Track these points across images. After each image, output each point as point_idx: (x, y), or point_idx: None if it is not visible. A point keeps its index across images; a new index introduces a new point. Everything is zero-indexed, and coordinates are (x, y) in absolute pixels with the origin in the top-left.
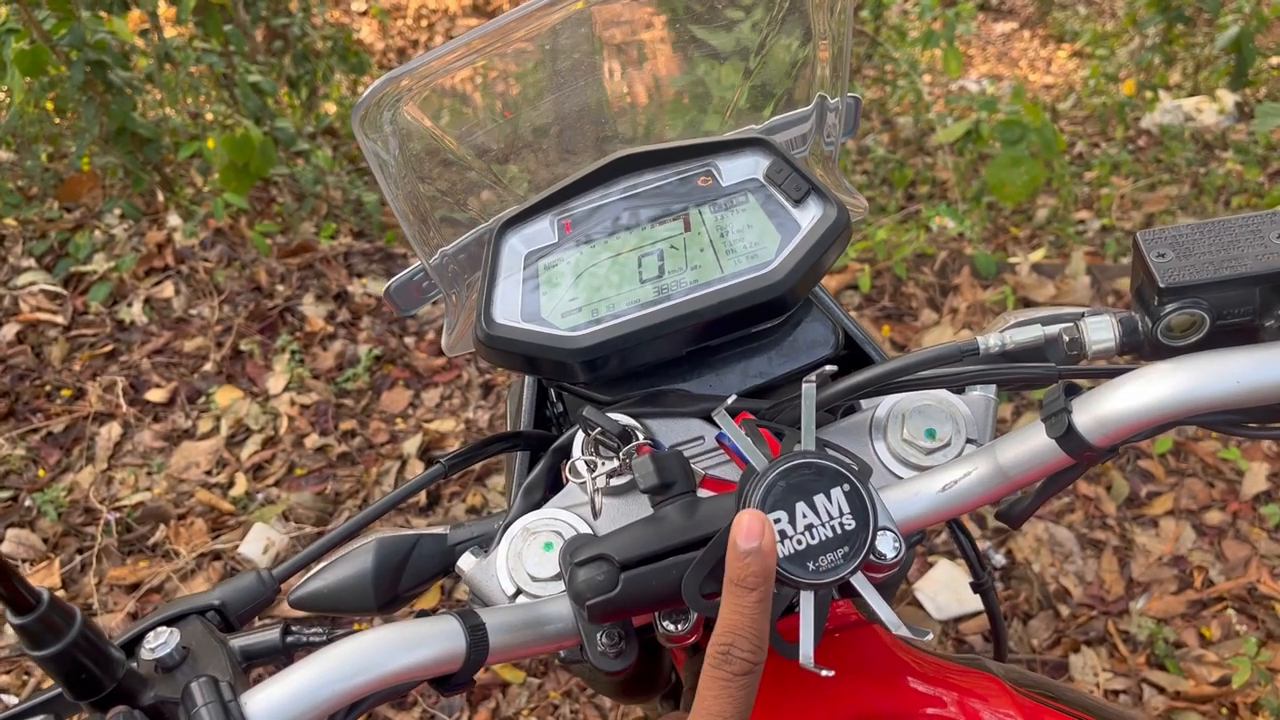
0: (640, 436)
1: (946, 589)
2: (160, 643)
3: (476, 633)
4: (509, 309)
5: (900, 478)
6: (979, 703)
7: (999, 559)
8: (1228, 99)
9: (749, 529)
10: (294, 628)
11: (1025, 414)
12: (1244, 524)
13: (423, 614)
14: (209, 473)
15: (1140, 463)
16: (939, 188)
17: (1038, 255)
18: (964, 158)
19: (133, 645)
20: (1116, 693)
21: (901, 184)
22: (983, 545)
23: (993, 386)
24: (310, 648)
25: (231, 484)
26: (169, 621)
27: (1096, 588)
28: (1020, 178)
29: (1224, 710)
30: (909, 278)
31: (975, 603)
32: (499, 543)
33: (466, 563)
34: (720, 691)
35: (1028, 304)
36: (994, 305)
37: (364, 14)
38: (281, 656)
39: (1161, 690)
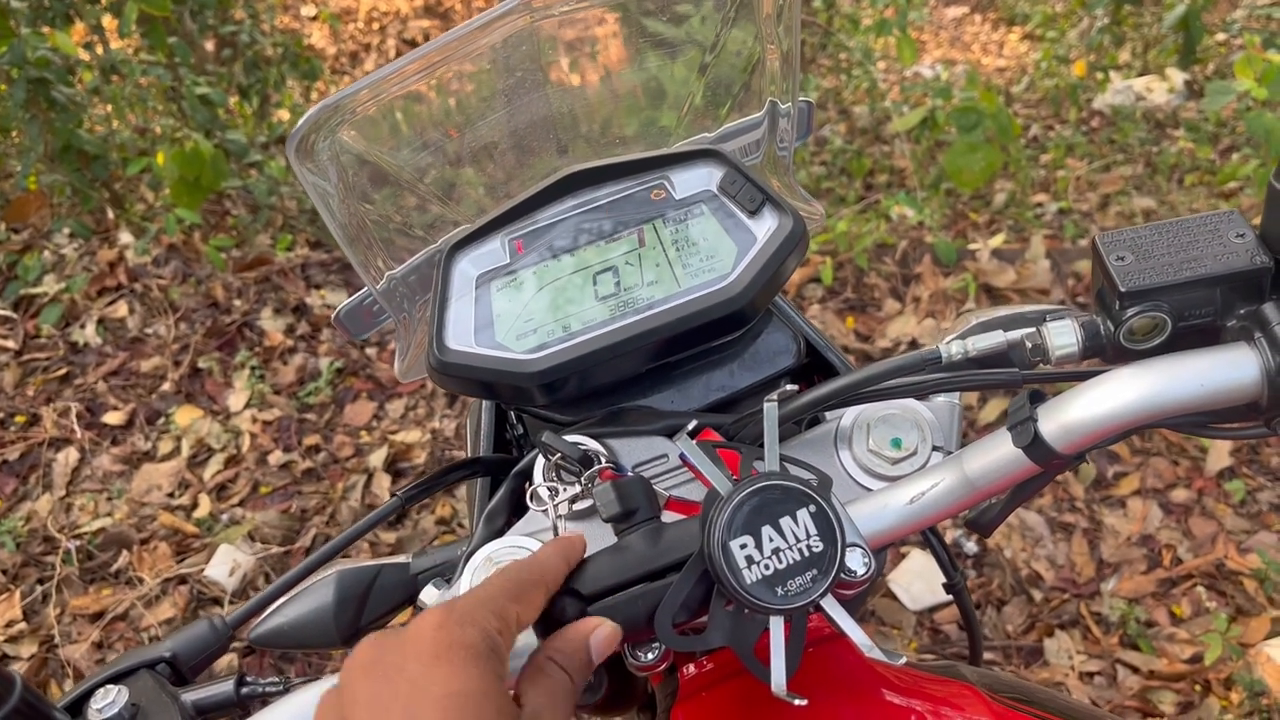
0: (602, 460)
1: (920, 579)
2: (108, 702)
3: None
4: (462, 333)
5: (868, 489)
6: (955, 713)
7: (971, 547)
8: (1177, 77)
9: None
10: (248, 678)
11: (991, 401)
12: (1209, 500)
13: None
14: (171, 495)
15: None
16: (897, 176)
17: (997, 240)
18: (921, 145)
19: (79, 705)
20: (1091, 674)
21: (860, 173)
22: (954, 534)
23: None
24: (266, 699)
25: (195, 505)
26: (117, 678)
27: (1068, 571)
28: (977, 163)
29: (1198, 687)
30: (871, 268)
31: None
32: (461, 573)
33: (429, 595)
34: None
35: (989, 290)
36: (956, 293)
37: (314, 19)
38: (236, 710)
39: (1135, 670)
